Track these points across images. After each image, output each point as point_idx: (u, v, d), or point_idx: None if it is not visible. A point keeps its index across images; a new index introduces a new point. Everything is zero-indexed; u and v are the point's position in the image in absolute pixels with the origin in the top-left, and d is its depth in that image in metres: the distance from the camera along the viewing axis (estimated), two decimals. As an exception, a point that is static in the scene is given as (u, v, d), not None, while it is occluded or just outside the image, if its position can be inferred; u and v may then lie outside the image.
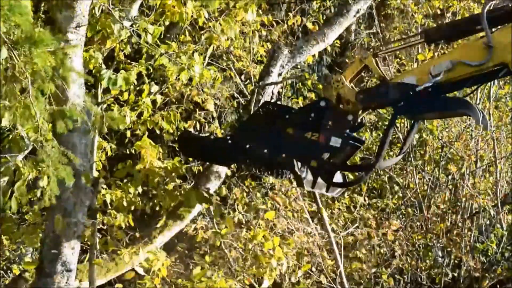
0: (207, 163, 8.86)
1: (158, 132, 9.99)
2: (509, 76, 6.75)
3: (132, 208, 8.66)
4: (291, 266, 11.34)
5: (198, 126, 11.25)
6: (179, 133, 8.74)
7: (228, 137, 7.44)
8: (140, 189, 8.56)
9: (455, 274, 12.97)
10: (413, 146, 12.77)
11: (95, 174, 8.23)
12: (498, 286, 12.71)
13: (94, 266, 8.47)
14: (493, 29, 6.40)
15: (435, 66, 6.47)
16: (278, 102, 10.57)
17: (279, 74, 9.16)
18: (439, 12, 14.22)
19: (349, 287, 11.16)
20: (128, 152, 10.37)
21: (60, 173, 6.06)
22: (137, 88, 9.23)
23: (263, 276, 9.96)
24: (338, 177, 7.21)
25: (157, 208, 8.98)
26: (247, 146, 7.12)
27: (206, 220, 11.34)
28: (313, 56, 11.29)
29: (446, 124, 13.50)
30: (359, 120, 6.96)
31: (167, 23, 8.84)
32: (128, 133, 10.12)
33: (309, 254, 11.67)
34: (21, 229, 9.09)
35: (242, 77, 12.13)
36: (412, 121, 7.15)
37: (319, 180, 6.97)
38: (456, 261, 13.22)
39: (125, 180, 8.68)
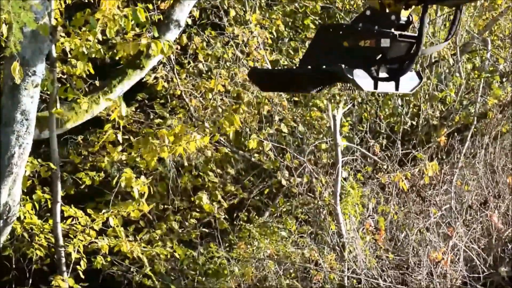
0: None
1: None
2: None
3: (92, 56, 8.60)
4: (251, 114, 11.42)
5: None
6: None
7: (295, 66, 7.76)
8: (100, 37, 8.46)
9: (414, 123, 13.14)
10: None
11: (53, 22, 8.08)
12: (455, 133, 12.91)
13: (54, 115, 8.44)
14: None
15: None
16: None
17: None
18: None
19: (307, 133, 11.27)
20: (87, 0, 10.17)
21: (23, 18, 5.99)
22: None
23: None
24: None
25: (117, 58, 8.92)
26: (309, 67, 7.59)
27: (167, 70, 11.29)
28: None
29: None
30: (405, 19, 7.32)
31: None
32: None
33: (270, 103, 11.71)
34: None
35: None
36: (454, 10, 7.53)
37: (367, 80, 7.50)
38: (415, 110, 13.37)
39: (83, 29, 8.57)
